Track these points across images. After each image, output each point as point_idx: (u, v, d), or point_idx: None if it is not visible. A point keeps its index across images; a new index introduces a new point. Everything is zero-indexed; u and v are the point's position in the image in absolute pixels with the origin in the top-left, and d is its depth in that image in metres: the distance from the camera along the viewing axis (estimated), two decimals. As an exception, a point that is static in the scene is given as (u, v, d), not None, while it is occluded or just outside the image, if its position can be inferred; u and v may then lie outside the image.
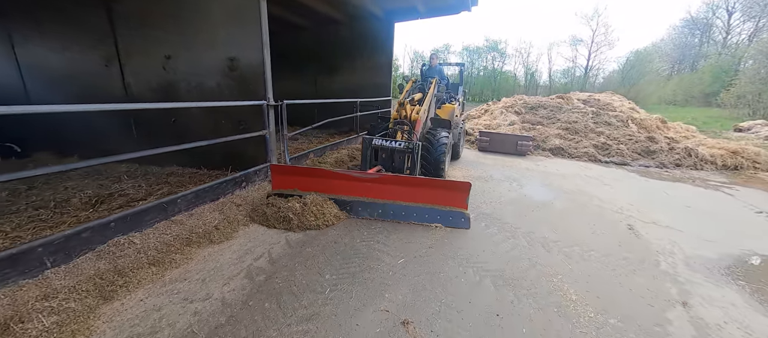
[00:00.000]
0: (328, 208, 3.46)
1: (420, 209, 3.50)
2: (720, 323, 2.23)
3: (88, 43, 5.27)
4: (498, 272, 2.70)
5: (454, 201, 3.48)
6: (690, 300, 2.47)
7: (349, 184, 3.66)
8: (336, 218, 3.44)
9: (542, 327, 2.09)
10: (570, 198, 4.86)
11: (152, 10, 4.70)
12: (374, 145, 4.39)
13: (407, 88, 5.64)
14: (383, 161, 4.47)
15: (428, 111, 5.29)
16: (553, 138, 8.30)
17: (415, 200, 3.54)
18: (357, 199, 3.62)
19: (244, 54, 4.37)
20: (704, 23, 39.65)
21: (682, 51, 41.50)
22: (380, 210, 3.56)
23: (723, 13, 36.77)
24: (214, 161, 4.96)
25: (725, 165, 7.21)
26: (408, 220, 3.50)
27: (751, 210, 4.72)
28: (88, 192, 4.05)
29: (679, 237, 3.61)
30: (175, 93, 4.91)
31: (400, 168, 4.37)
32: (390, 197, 3.58)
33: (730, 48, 34.49)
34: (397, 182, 3.61)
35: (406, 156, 4.32)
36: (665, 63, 43.18)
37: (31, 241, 2.17)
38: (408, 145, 4.21)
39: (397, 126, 4.79)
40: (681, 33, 42.46)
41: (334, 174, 3.71)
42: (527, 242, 3.30)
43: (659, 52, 43.22)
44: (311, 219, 3.27)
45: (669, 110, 28.86)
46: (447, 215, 3.45)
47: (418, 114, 4.74)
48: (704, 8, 38.75)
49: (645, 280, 2.71)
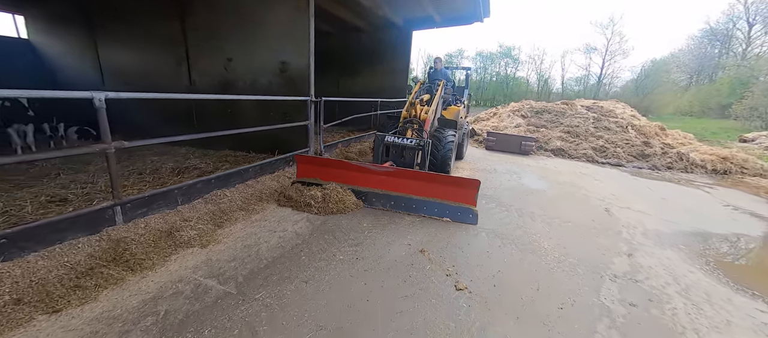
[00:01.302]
0: (348, 197, 3.79)
1: (430, 203, 3.70)
2: (651, 265, 3.06)
3: (162, 48, 6.42)
4: (491, 230, 3.59)
5: (463, 197, 3.62)
6: (635, 253, 3.30)
7: (366, 176, 3.92)
8: (355, 205, 3.78)
9: (518, 260, 2.98)
10: (561, 188, 5.68)
11: (218, 22, 5.79)
12: (386, 141, 4.61)
13: (415, 90, 5.91)
14: (393, 157, 4.70)
15: (436, 111, 5.53)
16: (554, 140, 9.07)
17: (425, 194, 3.72)
18: (372, 191, 3.88)
19: (293, 59, 5.39)
20: (724, 34, 39.11)
21: (700, 62, 40.90)
22: (393, 202, 3.81)
23: (743, 25, 36.26)
24: (261, 146, 5.97)
25: (715, 169, 7.83)
26: (418, 213, 3.74)
27: (721, 204, 5.43)
28: (169, 165, 5.13)
29: (646, 218, 4.40)
30: (233, 89, 5.98)
31: (410, 164, 4.60)
32: (402, 190, 3.80)
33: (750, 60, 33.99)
34: (410, 176, 3.81)
35: (416, 152, 4.56)
36: (683, 73, 42.62)
37: (170, 186, 3.19)
38: (419, 142, 4.44)
39: (407, 124, 5.04)
40: (700, 43, 41.83)
41: (352, 165, 3.99)
42: (518, 214, 4.17)
43: (677, 62, 42.70)
44: (331, 207, 3.63)
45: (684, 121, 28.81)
46: (455, 210, 3.63)
47: (427, 114, 5.03)
48: (724, 19, 38.28)
49: (605, 241, 3.55)
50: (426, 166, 4.53)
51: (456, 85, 7.63)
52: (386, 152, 4.74)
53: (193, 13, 5.96)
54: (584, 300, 2.43)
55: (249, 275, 2.42)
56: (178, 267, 2.45)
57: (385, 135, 4.69)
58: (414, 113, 5.11)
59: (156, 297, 2.10)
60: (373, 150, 4.84)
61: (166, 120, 6.56)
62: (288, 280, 2.39)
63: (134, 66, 6.90)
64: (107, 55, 7.19)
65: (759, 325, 2.29)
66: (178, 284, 2.25)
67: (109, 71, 7.31)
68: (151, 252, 2.51)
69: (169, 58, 6.41)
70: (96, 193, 3.75)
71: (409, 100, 5.31)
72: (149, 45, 6.57)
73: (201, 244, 2.75)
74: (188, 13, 5.98)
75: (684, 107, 35.00)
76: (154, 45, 6.51)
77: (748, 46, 36.38)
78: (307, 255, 2.76)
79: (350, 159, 6.21)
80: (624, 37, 42.86)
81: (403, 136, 4.79)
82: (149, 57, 6.67)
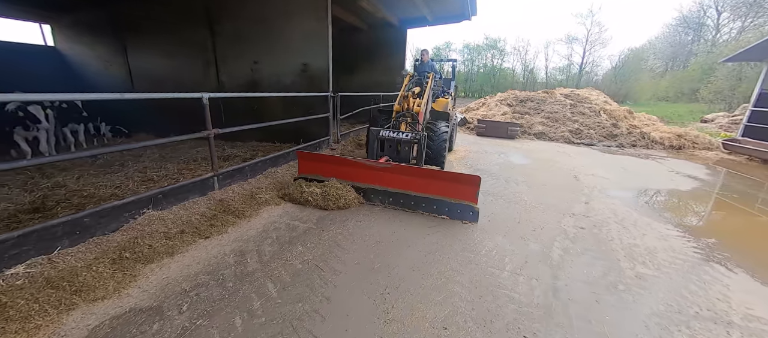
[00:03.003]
0: (348, 192, 3.78)
1: (429, 200, 3.58)
2: (600, 208, 4.20)
3: (192, 52, 7.24)
4: (485, 191, 4.67)
5: (464, 194, 3.48)
6: (591, 201, 4.46)
7: (365, 172, 3.88)
8: (356, 201, 3.79)
9: (505, 207, 4.08)
10: (540, 163, 6.85)
11: (245, 29, 6.66)
12: (381, 136, 4.52)
13: (405, 82, 5.77)
14: (389, 151, 4.62)
15: (428, 103, 5.54)
16: (537, 125, 10.27)
17: (425, 191, 3.62)
18: (371, 187, 3.83)
19: (313, 61, 6.33)
20: (696, 22, 41.26)
21: (675, 49, 43.02)
22: (391, 199, 3.74)
23: (713, 13, 38.41)
24: (285, 137, 6.90)
25: (671, 145, 9.17)
26: (416, 210, 3.64)
27: (668, 170, 6.69)
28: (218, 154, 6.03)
29: (604, 181, 5.59)
30: (259, 88, 6.88)
31: (406, 158, 4.54)
32: (402, 186, 3.71)
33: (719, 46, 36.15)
34: (410, 173, 3.72)
35: (412, 146, 4.51)
36: (659, 60, 44.73)
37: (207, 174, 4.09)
38: (415, 135, 4.38)
39: (400, 117, 4.96)
40: (675, 31, 43.98)
41: (351, 162, 3.96)
42: (505, 181, 5.30)
43: (653, 50, 44.75)
44: (331, 203, 3.62)
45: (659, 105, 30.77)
46: (456, 208, 3.49)
47: (420, 106, 5.01)
48: (696, 7, 40.39)
49: (570, 195, 4.70)
50: (422, 160, 4.56)
51: (443, 77, 7.79)
52: (381, 147, 4.66)
53: (221, 22, 6.80)
54: (550, 226, 3.54)
55: (318, 220, 3.44)
56: (268, 216, 3.46)
57: (379, 129, 4.60)
58: (406, 106, 5.07)
59: (265, 229, 3.12)
60: (367, 145, 4.73)
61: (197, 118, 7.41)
62: (347, 221, 3.42)
63: (164, 69, 7.69)
64: (137, 60, 7.95)
65: (664, 235, 3.44)
66: (275, 223, 3.26)
67: (138, 74, 8.07)
68: (245, 207, 3.50)
69: (198, 61, 7.25)
70: (171, 175, 4.68)
71: (401, 93, 5.19)
72: (179, 50, 7.37)
73: (275, 204, 3.74)
74: (217, 22, 6.82)
75: (661, 92, 37.01)
76: (184, 50, 7.32)
77: (718, 32, 38.58)
78: (356, 207, 3.79)
79: (364, 144, 7.15)
80: (603, 27, 44.72)
81: (398, 129, 4.73)
82: (179, 61, 7.47)
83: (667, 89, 36.66)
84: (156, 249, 2.56)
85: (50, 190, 3.93)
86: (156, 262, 2.48)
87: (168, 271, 2.41)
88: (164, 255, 2.56)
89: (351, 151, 6.88)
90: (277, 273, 2.45)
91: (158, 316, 1.95)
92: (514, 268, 2.67)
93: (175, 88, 7.70)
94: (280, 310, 2.06)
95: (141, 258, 2.45)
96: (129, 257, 2.42)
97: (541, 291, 2.38)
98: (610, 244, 3.19)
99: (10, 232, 2.12)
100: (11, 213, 3.24)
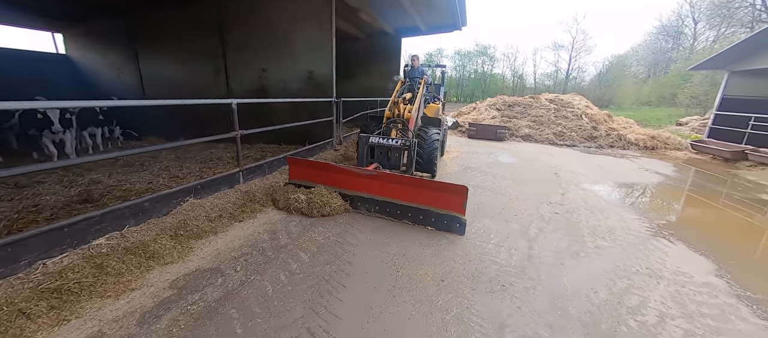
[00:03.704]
0: (333, 200, 3.72)
1: (415, 210, 3.46)
2: (574, 198, 4.85)
3: (203, 59, 7.74)
4: (475, 185, 5.30)
5: (450, 204, 3.33)
6: (566, 192, 5.12)
7: (353, 179, 3.80)
8: (342, 208, 3.74)
9: (492, 198, 4.70)
10: (525, 162, 7.53)
11: (254, 38, 7.20)
12: (371, 142, 4.47)
13: (397, 88, 5.72)
14: (379, 158, 4.57)
15: (419, 110, 5.48)
16: (523, 128, 11.01)
17: (411, 200, 3.50)
18: (358, 194, 3.75)
19: (318, 68, 6.90)
20: (675, 31, 43.29)
21: (656, 56, 44.97)
22: (377, 207, 3.65)
23: (690, 22, 40.41)
24: (291, 139, 7.43)
25: (646, 146, 9.98)
26: (402, 220, 3.53)
27: (638, 168, 7.44)
28: (227, 154, 6.53)
29: (581, 177, 6.27)
30: (267, 94, 7.41)
31: (396, 165, 4.49)
32: (388, 194, 3.61)
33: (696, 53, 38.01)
34: (396, 181, 3.60)
35: (402, 152, 4.46)
36: (642, 67, 46.63)
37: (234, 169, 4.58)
38: (405, 142, 4.34)
39: (391, 124, 4.91)
40: (656, 39, 46.01)
41: (338, 168, 3.90)
42: (492, 176, 5.93)
43: (636, 57, 46.61)
44: (315, 211, 3.58)
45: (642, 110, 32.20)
46: (442, 219, 3.35)
47: (411, 112, 4.95)
48: (674, 17, 42.42)
49: (549, 188, 5.35)
50: (413, 167, 4.50)
51: (433, 82, 7.81)
52: (371, 153, 4.63)
53: (231, 31, 7.34)
54: (529, 212, 4.16)
55: (331, 208, 3.99)
56: (288, 204, 3.99)
57: (368, 136, 4.56)
58: (397, 112, 5.00)
59: (288, 215, 3.66)
60: (357, 151, 4.67)
61: (205, 122, 7.88)
62: (357, 208, 3.99)
63: (175, 75, 8.16)
64: (148, 66, 8.40)
65: (624, 219, 4.09)
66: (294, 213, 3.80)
67: (149, 80, 8.52)
68: (266, 198, 4.03)
69: (208, 68, 7.75)
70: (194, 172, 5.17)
71: (392, 99, 5.10)
72: (190, 57, 7.86)
73: (292, 195, 4.28)
74: (227, 31, 7.35)
75: (644, 97, 38.64)
76: (195, 57, 7.82)
77: (695, 40, 40.61)
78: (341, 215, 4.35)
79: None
80: (587, 35, 46.44)
81: (388, 136, 4.69)
82: (190, 68, 7.96)
83: (650, 94, 38.30)
84: (202, 228, 3.08)
85: (89, 186, 4.39)
86: (204, 238, 3.00)
87: (216, 245, 2.93)
88: (210, 233, 3.08)
89: (354, 152, 7.44)
90: (305, 246, 3.00)
91: (219, 274, 2.48)
92: (497, 242, 3.27)
93: (186, 93, 8.19)
94: (313, 270, 2.61)
95: (192, 235, 2.97)
96: (183, 234, 2.93)
97: (518, 257, 2.98)
98: (578, 225, 3.82)
99: (92, 212, 2.63)
100: (64, 203, 3.71)
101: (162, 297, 2.19)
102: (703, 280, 2.72)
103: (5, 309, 1.84)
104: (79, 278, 2.17)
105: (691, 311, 2.32)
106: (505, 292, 2.44)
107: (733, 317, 2.27)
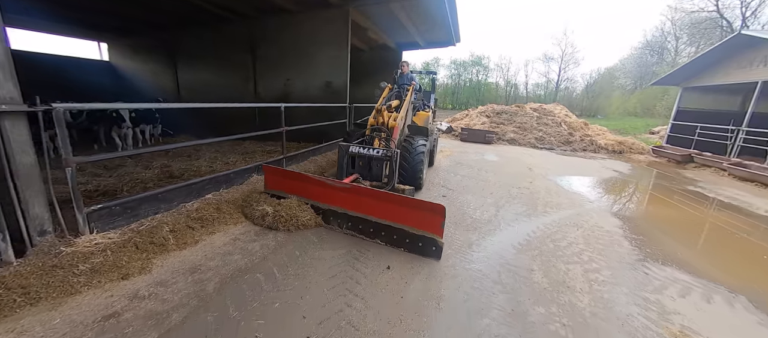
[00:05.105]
0: (303, 213, 3.47)
1: (389, 228, 3.14)
2: (540, 185, 6.25)
3: (234, 70, 9.08)
4: (464, 175, 6.67)
5: (427, 224, 2.99)
6: (534, 181, 6.51)
7: (325, 192, 3.55)
8: (312, 222, 3.48)
9: (474, 183, 6.07)
10: (507, 160, 8.95)
11: (280, 54, 8.57)
12: (351, 152, 4.26)
13: (384, 95, 5.49)
14: (360, 169, 4.34)
15: (405, 118, 5.22)
16: (509, 132, 12.48)
17: (385, 217, 3.18)
18: (331, 208, 3.50)
19: (335, 79, 8.27)
20: (659, 46, 45.72)
21: (642, 69, 47.29)
22: (350, 223, 3.37)
23: (672, 39, 42.83)
24: (310, 137, 8.75)
25: (614, 150, 11.49)
26: (374, 239, 3.22)
27: (602, 166, 8.89)
28: (257, 150, 7.84)
29: (550, 171, 7.68)
30: (289, 99, 8.75)
31: (378, 176, 4.24)
32: (362, 210, 3.31)
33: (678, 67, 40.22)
34: (370, 195, 3.29)
35: (384, 163, 4.20)
36: (629, 79, 48.92)
37: (279, 156, 5.93)
38: (386, 152, 4.08)
39: (374, 133, 4.66)
40: (642, 53, 48.43)
41: (312, 179, 3.65)
42: (477, 170, 7.32)
43: (623, 70, 48.92)
44: (280, 225, 3.35)
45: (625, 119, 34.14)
46: (417, 240, 3.01)
47: (396, 121, 4.66)
48: (658, 33, 44.89)
49: (522, 178, 6.74)
50: (394, 179, 4.17)
51: (423, 89, 7.68)
52: (352, 163, 4.39)
53: (260, 48, 8.71)
54: (501, 192, 5.53)
55: (353, 186, 5.32)
56: (321, 183, 5.32)
57: (349, 145, 4.32)
58: (381, 120, 4.73)
59: (324, 189, 5.00)
60: (338, 161, 4.41)
61: (231, 122, 9.20)
62: (373, 186, 5.33)
63: (209, 81, 9.48)
64: (185, 74, 9.71)
65: (570, 196, 5.48)
66: (328, 186, 5.13)
67: (185, 86, 9.82)
68: (306, 178, 5.35)
69: (238, 76, 9.09)
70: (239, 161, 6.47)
71: (376, 106, 4.81)
72: (223, 68, 9.21)
73: (322, 177, 5.61)
74: (258, 47, 8.72)
75: (630, 108, 40.79)
76: (227, 68, 9.16)
77: (677, 55, 43.04)
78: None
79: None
80: (576, 49, 48.71)
81: (371, 145, 4.47)
82: (223, 76, 9.29)
83: (636, 106, 40.45)
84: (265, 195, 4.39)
85: (163, 169, 5.67)
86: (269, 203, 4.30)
87: (281, 203, 4.24)
88: (274, 197, 4.38)
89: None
90: (341, 206, 4.32)
91: (291, 217, 3.79)
92: (475, 207, 4.63)
93: (218, 98, 9.52)
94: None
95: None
96: (256, 198, 4.24)
97: (488, 215, 4.34)
98: (536, 200, 5.20)
99: (202, 177, 3.93)
100: (157, 178, 4.99)
101: (259, 225, 3.50)
102: (608, 229, 4.10)
103: (180, 224, 3.14)
104: (209, 214, 3.47)
105: (590, 241, 3.68)
106: (476, 231, 3.79)
107: (616, 246, 3.63)
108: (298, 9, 7.96)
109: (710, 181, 7.55)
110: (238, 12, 8.15)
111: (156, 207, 3.28)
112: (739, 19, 27.59)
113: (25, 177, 2.31)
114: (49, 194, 2.47)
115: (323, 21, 8.00)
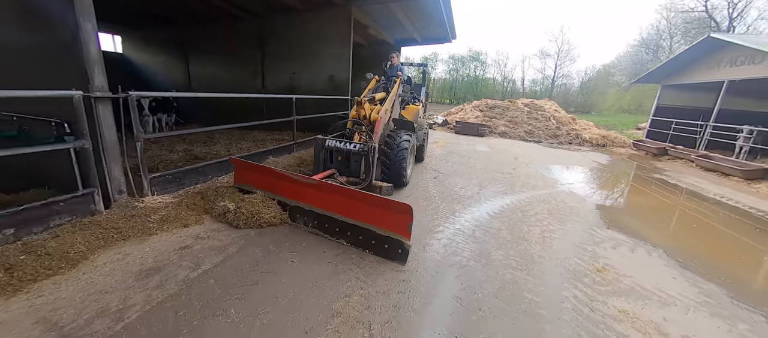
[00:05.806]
0: (266, 210, 3.36)
1: (355, 227, 3.01)
2: (521, 171, 7.01)
3: (243, 63, 9.71)
4: (455, 161, 7.41)
5: (393, 224, 2.82)
6: (517, 168, 7.27)
7: (294, 187, 3.46)
8: (276, 219, 3.33)
9: (463, 169, 6.82)
10: (496, 151, 9.71)
11: (287, 50, 9.20)
12: (327, 146, 4.12)
13: (370, 87, 5.31)
14: (339, 164, 4.18)
15: (391, 111, 5.05)
16: (501, 126, 13.23)
17: (351, 215, 3.06)
18: (298, 204, 3.39)
19: (338, 73, 8.94)
20: (654, 44, 46.45)
21: (637, 67, 47.99)
22: (316, 221, 3.25)
23: (667, 37, 43.57)
24: (313, 127, 9.43)
25: (597, 143, 12.28)
26: (339, 239, 3.09)
27: (583, 157, 9.68)
28: (266, 138, 8.53)
29: (534, 161, 8.45)
30: (295, 91, 9.41)
31: (357, 172, 4.09)
32: (328, 207, 3.20)
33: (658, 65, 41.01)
34: (336, 192, 3.17)
35: (363, 159, 4.06)
36: (624, 76, 49.68)
37: (290, 142, 6.62)
38: (363, 147, 3.94)
39: (356, 126, 4.51)
40: (637, 51, 49.14)
41: (280, 174, 3.57)
42: (468, 158, 8.08)
43: (619, 67, 49.66)
44: (241, 223, 3.22)
45: (618, 116, 35.08)
46: (383, 242, 2.86)
47: (379, 114, 4.44)
48: (654, 31, 45.60)
49: (507, 166, 7.50)
50: (371, 176, 3.98)
51: (414, 82, 7.47)
52: (330, 158, 4.24)
53: (269, 43, 9.34)
54: (486, 176, 6.29)
55: (356, 169, 6.06)
56: (328, 166, 6.05)
57: (326, 138, 4.17)
58: (363, 113, 4.50)
59: (331, 170, 5.74)
60: (314, 156, 4.30)
61: (244, 111, 9.86)
62: (373, 169, 6.07)
63: (219, 74, 10.11)
64: (195, 66, 10.32)
65: (547, 179, 6.25)
66: (334, 169, 5.86)
67: (195, 78, 10.43)
68: (314, 161, 6.08)
69: (247, 70, 9.73)
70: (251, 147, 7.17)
71: (356, 99, 4.49)
72: (233, 61, 9.83)
73: (328, 161, 6.34)
74: (266, 43, 9.35)
75: (625, 105, 41.73)
76: (236, 61, 9.78)
77: (671, 53, 43.84)
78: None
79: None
80: (572, 45, 49.31)
81: (351, 139, 4.32)
82: (232, 69, 9.92)
83: (631, 103, 41.38)
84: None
85: (186, 152, 6.36)
86: (286, 178, 5.03)
87: (295, 180, 4.97)
88: (288, 176, 5.11)
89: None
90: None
91: (305, 190, 4.53)
92: (461, 187, 5.38)
93: (228, 89, 10.15)
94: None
95: (280, 175, 4.99)
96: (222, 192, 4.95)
97: (471, 192, 5.09)
98: (515, 182, 5.97)
99: (223, 158, 4.64)
100: (185, 159, 5.69)
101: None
102: (571, 205, 4.87)
103: (211, 192, 3.86)
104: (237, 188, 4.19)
105: (553, 213, 4.45)
106: (460, 203, 4.55)
107: (574, 216, 4.40)
108: (305, 8, 8.58)
109: (677, 171, 8.36)
110: (250, 10, 8.76)
111: (196, 178, 4.00)
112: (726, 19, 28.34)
113: (110, 150, 3.03)
114: (124, 163, 3.19)
115: (327, 19, 8.63)
